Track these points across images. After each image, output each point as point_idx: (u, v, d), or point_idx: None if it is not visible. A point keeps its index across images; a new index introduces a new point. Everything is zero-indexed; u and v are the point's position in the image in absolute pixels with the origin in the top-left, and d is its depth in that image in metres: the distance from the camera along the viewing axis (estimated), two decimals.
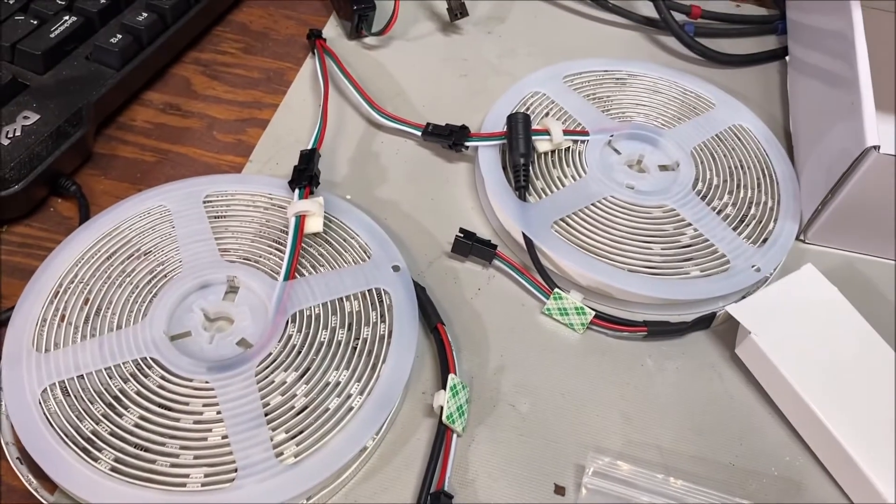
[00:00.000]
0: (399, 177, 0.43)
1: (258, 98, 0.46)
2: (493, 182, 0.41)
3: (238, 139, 0.44)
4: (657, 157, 0.44)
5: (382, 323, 0.35)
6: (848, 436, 0.33)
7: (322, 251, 0.37)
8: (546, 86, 0.46)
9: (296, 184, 0.39)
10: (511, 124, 0.42)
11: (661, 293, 0.38)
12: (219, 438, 0.31)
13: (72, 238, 0.37)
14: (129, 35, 0.43)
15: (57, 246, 0.36)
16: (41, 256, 0.37)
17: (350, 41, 0.50)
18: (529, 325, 0.38)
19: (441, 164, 0.44)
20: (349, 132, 0.45)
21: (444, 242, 0.40)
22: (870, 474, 0.32)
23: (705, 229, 0.40)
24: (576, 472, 0.33)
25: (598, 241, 0.39)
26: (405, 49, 0.50)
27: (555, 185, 0.42)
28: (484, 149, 0.43)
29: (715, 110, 0.47)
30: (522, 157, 0.41)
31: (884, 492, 0.32)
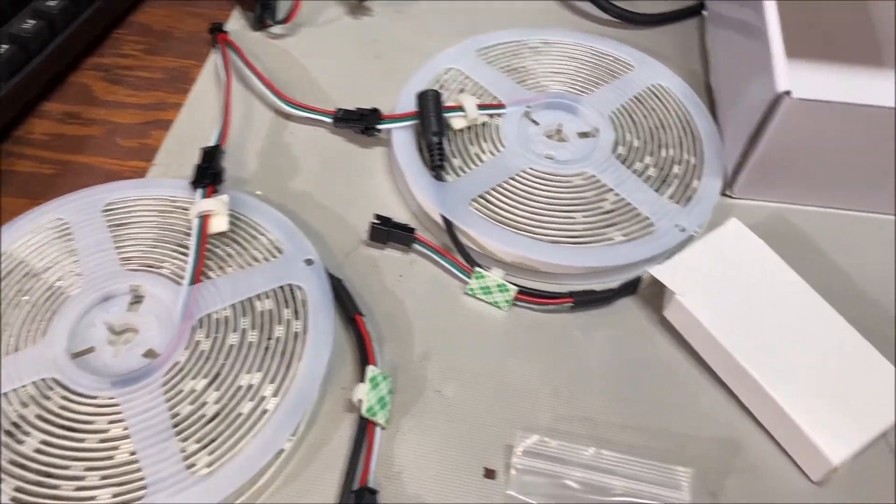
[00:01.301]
0: (312, 167, 0.42)
1: (162, 99, 0.44)
2: (408, 164, 0.40)
3: (142, 143, 0.42)
4: (576, 125, 0.43)
5: (296, 320, 0.34)
6: (781, 390, 0.32)
7: (230, 251, 0.36)
8: (459, 61, 0.45)
9: (198, 183, 0.37)
10: (421, 103, 0.40)
11: (585, 262, 0.37)
12: (126, 455, 0.30)
13: None
14: (14, 45, 0.41)
15: None
16: None
17: (255, 32, 0.48)
18: (454, 308, 0.37)
19: (356, 151, 0.42)
20: (257, 126, 0.43)
21: (361, 231, 0.39)
22: (805, 429, 0.31)
23: (627, 193, 0.39)
24: (506, 454, 0.32)
25: (519, 215, 0.38)
26: (314, 35, 0.48)
27: (472, 161, 0.40)
28: (398, 131, 0.41)
29: (633, 72, 0.46)
30: (435, 136, 0.40)
31: (820, 445, 0.31)
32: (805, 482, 0.32)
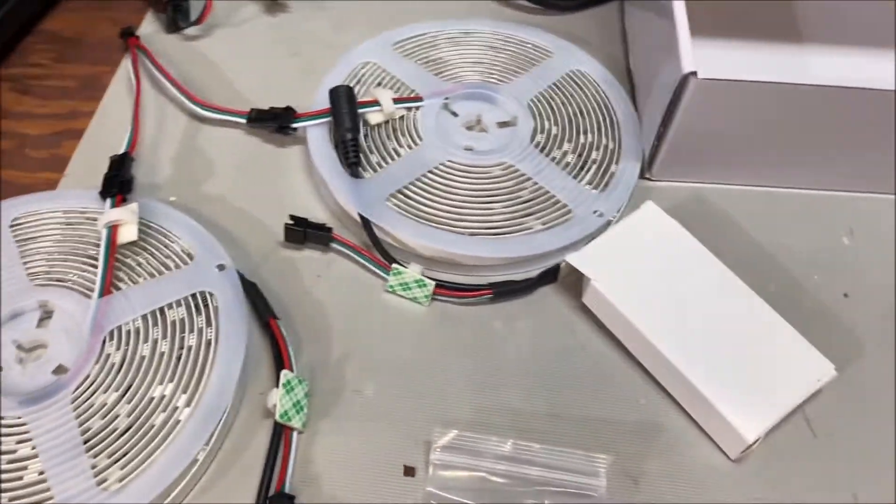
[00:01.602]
0: (227, 170, 0.41)
1: (73, 108, 0.43)
2: (323, 162, 0.39)
3: (53, 154, 0.41)
4: (496, 115, 0.43)
5: (209, 327, 0.33)
6: (695, 370, 0.32)
7: (140, 260, 0.35)
8: (376, 55, 0.45)
9: (106, 193, 0.37)
10: (333, 99, 0.40)
11: (503, 252, 0.37)
12: (35, 475, 0.29)
13: None
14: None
15: None
16: None
17: (170, 35, 0.47)
18: (374, 306, 0.36)
19: (271, 151, 0.42)
20: (170, 130, 0.42)
21: (279, 233, 0.38)
22: (720, 407, 0.32)
23: (545, 181, 0.39)
24: (425, 451, 0.32)
25: (438, 209, 0.38)
26: (229, 36, 0.48)
27: (389, 157, 0.40)
28: (313, 129, 0.41)
29: (552, 59, 0.45)
30: (349, 132, 0.39)
31: (734, 423, 0.31)
32: (724, 460, 0.32)
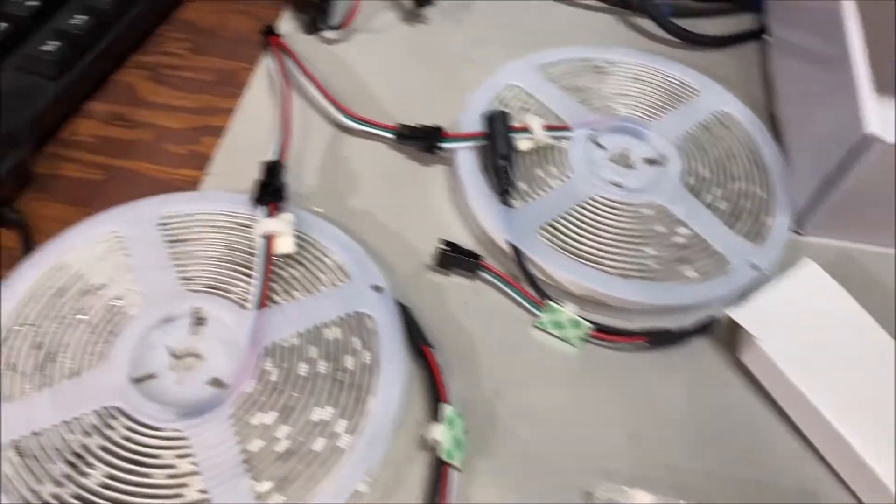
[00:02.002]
0: (372, 184, 0.40)
1: (211, 103, 0.43)
2: (473, 187, 0.38)
3: (192, 150, 0.40)
4: (643, 151, 0.42)
5: (366, 350, 0.32)
6: (860, 440, 0.32)
7: (295, 273, 0.34)
8: (522, 78, 0.44)
9: (260, 200, 0.36)
10: (490, 124, 0.39)
11: (658, 299, 0.36)
12: (196, 494, 0.28)
13: (16, 273, 0.33)
14: (65, 41, 0.39)
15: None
16: None
17: (307, 35, 0.46)
18: (522, 340, 0.35)
19: (416, 168, 0.41)
20: (314, 137, 0.41)
21: (424, 254, 0.37)
22: (887, 481, 0.31)
23: (698, 227, 0.38)
24: (584, 499, 0.31)
25: (588, 246, 0.37)
26: (368, 42, 0.47)
27: (538, 186, 0.39)
28: (462, 151, 0.40)
29: (698, 97, 0.44)
30: (503, 159, 0.38)
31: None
32: None
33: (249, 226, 0.36)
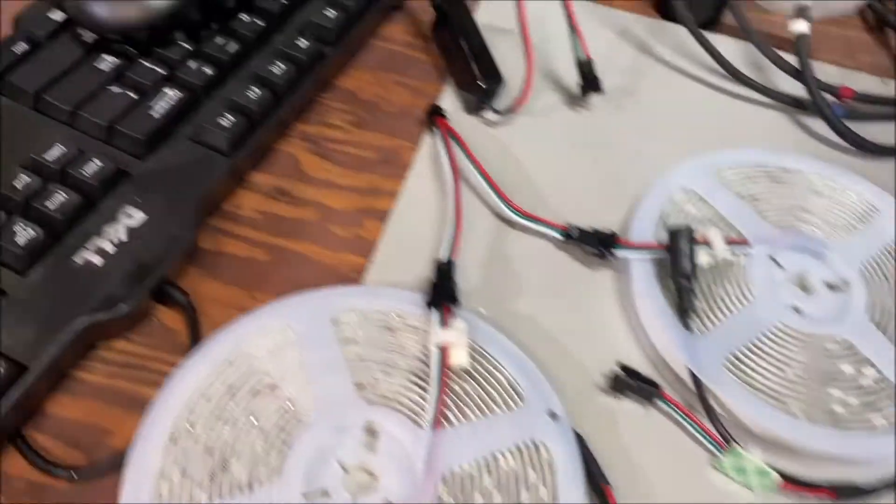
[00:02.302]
0: (536, 286, 0.38)
1: (375, 184, 0.41)
2: (649, 304, 0.36)
3: (356, 234, 0.39)
4: (823, 274, 0.39)
5: (543, 486, 0.31)
6: None
7: (467, 389, 0.33)
8: (695, 181, 0.42)
9: (434, 304, 0.34)
10: (672, 238, 0.37)
11: (846, 449, 0.33)
12: None
13: (186, 366, 0.32)
14: (241, 116, 0.39)
15: (167, 370, 0.32)
16: (146, 381, 0.33)
17: (468, 115, 0.45)
18: (699, 480, 0.33)
19: (583, 273, 0.39)
20: (476, 228, 0.40)
21: (593, 372, 0.36)
22: None
23: (887, 368, 0.36)
24: None
25: (771, 382, 0.35)
26: (529, 127, 0.45)
27: (718, 308, 0.37)
28: (636, 262, 0.38)
29: (880, 216, 0.42)
30: (686, 279, 0.36)
31: None
32: None
33: (418, 329, 0.34)
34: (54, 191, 0.34)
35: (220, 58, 0.40)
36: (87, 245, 0.34)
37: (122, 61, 0.40)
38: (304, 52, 0.42)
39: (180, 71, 0.40)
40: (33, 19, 0.40)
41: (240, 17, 0.42)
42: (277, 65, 0.41)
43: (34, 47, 0.40)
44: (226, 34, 0.42)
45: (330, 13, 0.44)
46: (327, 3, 0.44)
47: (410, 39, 0.49)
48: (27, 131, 0.37)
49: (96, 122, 0.37)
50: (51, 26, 0.40)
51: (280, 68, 0.41)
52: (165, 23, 0.39)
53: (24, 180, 0.35)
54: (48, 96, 0.38)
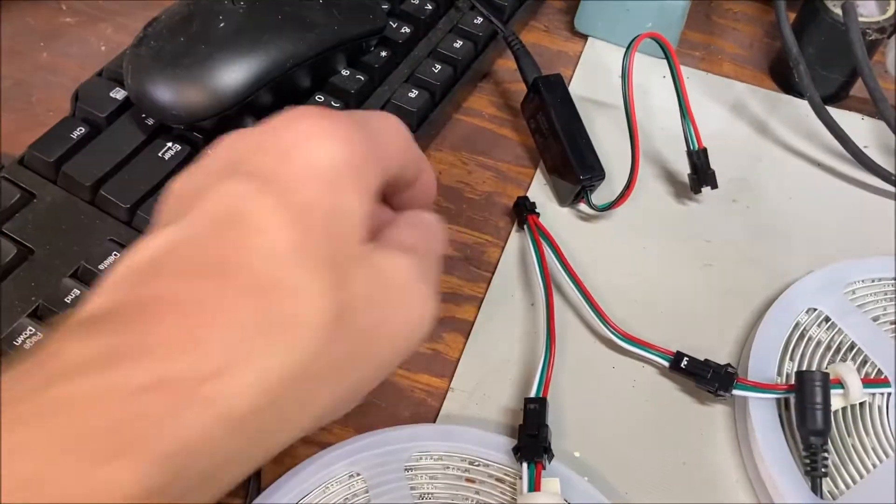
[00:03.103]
0: (638, 423, 0.34)
1: (456, 288, 0.37)
2: (773, 460, 0.31)
3: (434, 350, 0.35)
4: None
5: None
6: None
7: None
8: (823, 300, 0.36)
9: (525, 458, 0.30)
10: (803, 385, 0.32)
11: None
12: None
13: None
14: None
15: None
16: None
17: (560, 207, 0.40)
18: None
19: (691, 408, 0.34)
20: (569, 347, 0.35)
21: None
22: None
23: None
24: None
25: None
26: (630, 222, 0.40)
27: (853, 464, 0.32)
28: (757, 402, 0.33)
29: None
30: (818, 436, 0.31)
31: None
32: None
33: (503, 480, 0.30)
34: None
35: None
36: None
37: (186, 148, 0.36)
38: None
39: None
40: (93, 97, 0.37)
41: (315, 99, 0.38)
42: None
43: (92, 130, 0.36)
44: None
45: (413, 94, 0.40)
46: (413, 85, 0.40)
47: (497, 112, 0.44)
48: (82, 229, 0.34)
49: None
50: (111, 106, 0.37)
51: None
52: (235, 110, 0.35)
53: (74, 294, 0.32)
54: (105, 191, 0.34)
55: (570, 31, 0.48)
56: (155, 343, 0.17)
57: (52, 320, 0.31)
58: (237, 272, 0.19)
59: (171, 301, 0.18)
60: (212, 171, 0.21)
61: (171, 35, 0.35)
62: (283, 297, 0.19)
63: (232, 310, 0.18)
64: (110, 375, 0.17)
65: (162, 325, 0.18)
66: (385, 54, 0.41)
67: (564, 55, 0.47)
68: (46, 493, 0.15)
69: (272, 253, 0.19)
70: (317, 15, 0.38)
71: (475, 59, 0.43)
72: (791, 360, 0.35)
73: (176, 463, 0.17)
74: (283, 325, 0.18)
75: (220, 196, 0.20)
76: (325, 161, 0.20)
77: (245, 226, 0.19)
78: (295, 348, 0.19)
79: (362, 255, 0.21)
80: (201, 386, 0.17)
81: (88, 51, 0.45)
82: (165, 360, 0.17)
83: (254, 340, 0.18)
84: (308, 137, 0.21)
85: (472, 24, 0.43)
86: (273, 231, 0.19)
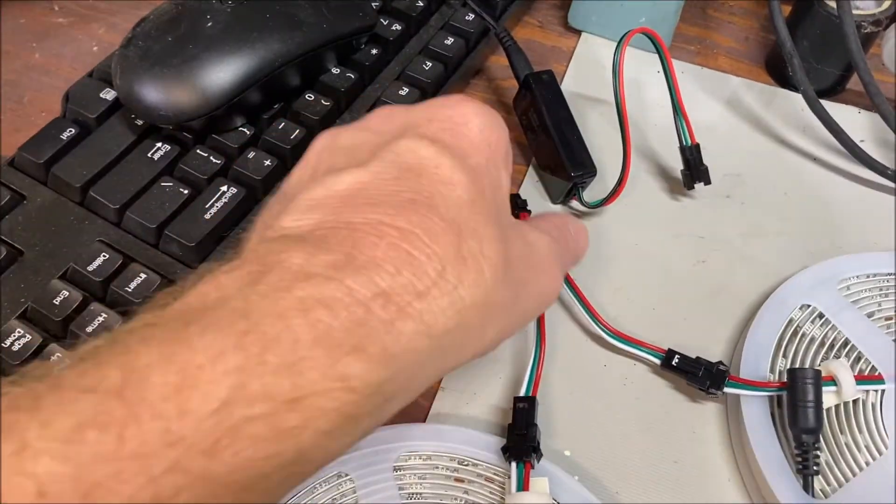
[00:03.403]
0: (629, 422, 0.33)
1: None
2: (765, 458, 0.31)
3: None
4: None
5: None
6: None
7: None
8: (816, 296, 0.36)
9: (514, 457, 0.30)
10: (795, 383, 0.31)
11: None
12: None
13: None
14: None
15: None
16: None
17: (552, 204, 0.40)
18: None
19: (683, 406, 0.34)
20: (560, 345, 0.35)
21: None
22: None
23: None
24: None
25: None
26: (622, 219, 0.40)
27: (845, 462, 0.31)
28: (749, 399, 0.33)
29: None
30: (810, 434, 0.31)
31: None
32: None
33: (492, 479, 0.30)
34: (97, 314, 0.31)
35: (280, 147, 0.36)
36: None
37: (175, 148, 0.36)
38: None
39: (238, 163, 0.36)
40: (83, 98, 0.37)
41: (305, 97, 0.38)
42: None
43: (82, 131, 0.36)
44: (288, 117, 0.38)
45: (404, 92, 0.39)
46: (404, 83, 0.40)
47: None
48: (72, 230, 0.34)
49: (144, 224, 0.34)
50: (101, 107, 0.37)
51: None
52: (223, 111, 0.35)
53: (63, 295, 0.31)
54: (95, 192, 0.34)
55: (563, 27, 0.48)
56: (378, 260, 0.20)
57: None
58: (433, 210, 0.21)
59: (385, 228, 0.21)
60: (384, 131, 0.24)
61: (159, 35, 0.35)
62: (470, 237, 0.22)
63: (434, 241, 0.21)
64: (344, 283, 0.19)
65: (378, 246, 0.20)
66: (376, 52, 0.41)
67: (558, 50, 0.47)
68: (306, 378, 0.18)
69: (457, 201, 0.22)
70: (306, 13, 0.37)
71: (467, 56, 0.43)
72: (784, 357, 0.34)
73: (392, 365, 0.19)
74: (471, 259, 0.21)
75: (404, 150, 0.23)
76: (490, 138, 0.24)
77: (431, 176, 0.22)
78: (480, 279, 0.21)
79: (514, 224, 0.25)
80: (414, 302, 0.20)
81: (80, 51, 0.45)
82: (386, 277, 0.20)
83: (450, 269, 0.21)
84: (477, 114, 0.24)
85: (463, 20, 0.43)
86: (456, 184, 0.22)
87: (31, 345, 0.30)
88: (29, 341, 0.30)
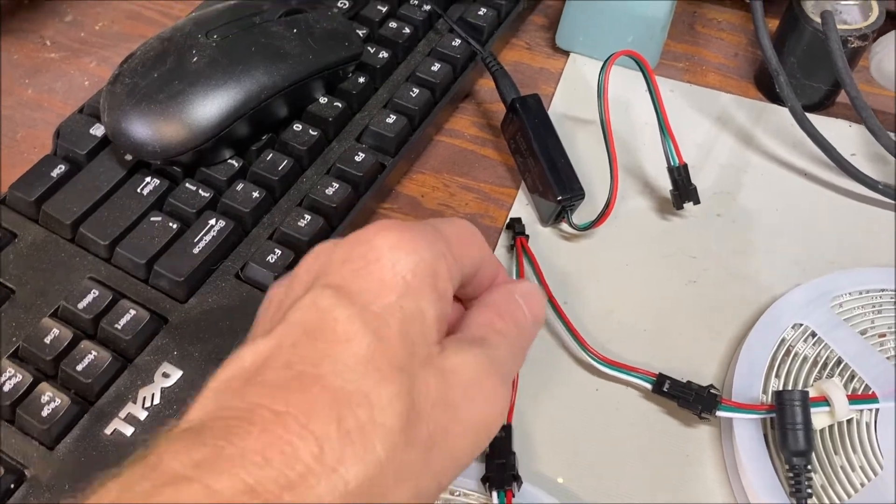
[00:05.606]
0: (622, 447, 0.33)
1: None
2: (758, 481, 0.31)
3: None
4: None
5: None
6: None
7: None
8: (809, 314, 0.36)
9: (495, 485, 0.30)
10: (783, 406, 0.31)
11: None
12: None
13: None
14: (288, 247, 0.35)
15: None
16: None
17: (542, 227, 0.40)
18: None
19: (677, 430, 0.34)
20: (548, 372, 0.35)
21: None
22: None
23: None
24: None
25: None
26: (613, 240, 0.40)
27: (839, 483, 0.31)
28: (741, 422, 0.32)
29: None
30: (801, 457, 0.31)
31: None
32: None
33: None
34: (87, 351, 0.31)
35: (268, 178, 0.37)
36: (119, 412, 0.31)
37: (164, 183, 0.36)
38: (361, 168, 0.38)
39: (226, 196, 0.36)
40: (73, 135, 0.38)
41: (292, 128, 0.38)
42: (332, 185, 0.37)
43: (72, 168, 0.37)
44: (276, 148, 0.38)
45: (391, 119, 0.39)
46: (391, 110, 0.40)
47: (479, 132, 0.44)
48: (62, 267, 0.34)
49: (134, 260, 0.34)
50: (91, 143, 0.37)
51: (335, 189, 0.37)
52: (211, 144, 0.36)
53: (54, 334, 0.32)
54: (85, 229, 0.35)
55: (551, 48, 0.48)
56: (247, 451, 0.19)
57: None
58: (319, 382, 0.20)
59: (261, 412, 0.20)
60: (302, 282, 0.23)
61: (146, 71, 0.36)
62: (358, 405, 0.20)
63: (312, 420, 0.19)
64: (210, 483, 0.18)
65: (251, 434, 0.19)
66: (363, 80, 0.41)
67: (546, 72, 0.47)
68: None
69: (350, 361, 0.21)
70: (291, 45, 0.38)
71: (454, 81, 0.43)
72: (777, 377, 0.34)
73: None
74: (357, 432, 0.20)
75: (308, 305, 0.22)
76: (403, 270, 0.22)
77: (327, 336, 0.21)
78: (368, 454, 0.20)
79: (431, 357, 0.23)
80: (285, 495, 0.18)
81: (72, 86, 0.45)
82: (254, 470, 0.19)
83: (330, 449, 0.19)
84: (391, 248, 0.23)
85: (450, 46, 0.43)
86: (352, 339, 0.21)
87: (21, 385, 0.30)
88: (20, 381, 0.31)
